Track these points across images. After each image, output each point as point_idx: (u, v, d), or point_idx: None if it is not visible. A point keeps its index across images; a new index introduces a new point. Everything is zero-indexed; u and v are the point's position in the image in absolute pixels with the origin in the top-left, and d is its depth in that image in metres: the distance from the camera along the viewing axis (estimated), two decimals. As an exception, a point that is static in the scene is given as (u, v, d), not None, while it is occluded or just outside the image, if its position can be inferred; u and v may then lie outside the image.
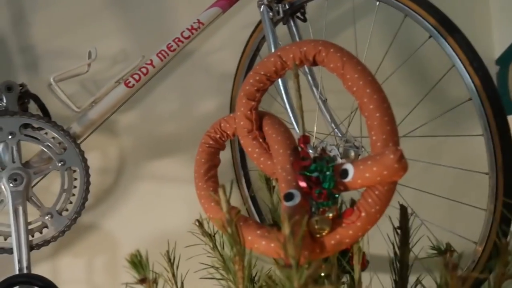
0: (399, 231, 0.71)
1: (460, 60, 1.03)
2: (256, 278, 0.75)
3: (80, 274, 1.38)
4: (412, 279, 0.74)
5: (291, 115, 1.23)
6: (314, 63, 0.66)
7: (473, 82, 1.02)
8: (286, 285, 0.38)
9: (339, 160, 1.14)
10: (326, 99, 1.38)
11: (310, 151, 1.06)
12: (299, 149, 0.65)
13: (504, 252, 0.51)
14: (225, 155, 1.52)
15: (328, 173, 0.59)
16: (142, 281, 0.53)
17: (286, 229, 0.43)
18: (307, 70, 1.39)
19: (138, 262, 0.53)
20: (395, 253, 0.71)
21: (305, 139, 0.64)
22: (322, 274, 0.69)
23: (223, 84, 1.53)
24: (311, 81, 1.38)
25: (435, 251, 0.67)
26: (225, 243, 0.55)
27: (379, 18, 1.23)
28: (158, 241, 0.86)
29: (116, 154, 1.45)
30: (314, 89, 1.37)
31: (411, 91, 1.58)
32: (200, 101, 1.54)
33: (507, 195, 1.01)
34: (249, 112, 0.70)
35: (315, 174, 0.60)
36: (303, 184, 0.59)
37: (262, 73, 0.69)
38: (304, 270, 0.39)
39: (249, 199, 1.51)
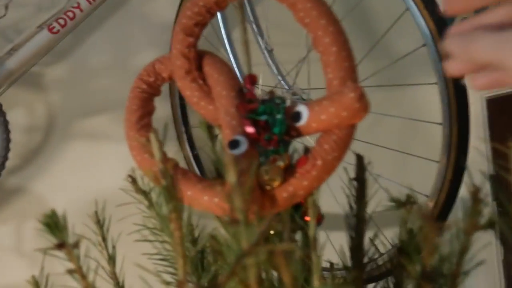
0: (355, 183, 0.65)
1: (414, 2, 0.96)
2: (199, 239, 0.68)
3: (8, 241, 1.27)
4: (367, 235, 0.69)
5: (231, 57, 1.15)
6: (261, -9, 0.57)
7: (428, 26, 0.96)
8: (233, 245, 0.30)
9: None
10: (272, 49, 1.30)
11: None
12: (245, 90, 0.56)
13: (476, 200, 0.45)
14: (165, 111, 1.42)
15: (278, 116, 0.51)
16: (60, 246, 0.44)
17: (231, 177, 0.35)
18: (252, 18, 1.30)
19: (54, 224, 0.44)
20: (350, 207, 0.65)
21: (252, 78, 0.56)
22: (272, 232, 0.62)
23: (161, 34, 1.41)
24: (256, 30, 1.30)
25: (393, 204, 0.61)
26: (160, 199, 0.47)
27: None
28: (94, 203, 0.77)
29: (44, 110, 1.32)
30: (260, 38, 1.29)
31: (362, 39, 1.51)
32: (136, 53, 1.42)
33: (460, 145, 0.97)
34: (186, 50, 0.61)
35: (263, 118, 0.52)
36: (250, 129, 0.51)
37: (201, 4, 0.60)
38: (254, 227, 0.32)
39: (191, 159, 1.43)
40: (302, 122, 0.51)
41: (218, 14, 1.29)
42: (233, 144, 0.51)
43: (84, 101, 1.36)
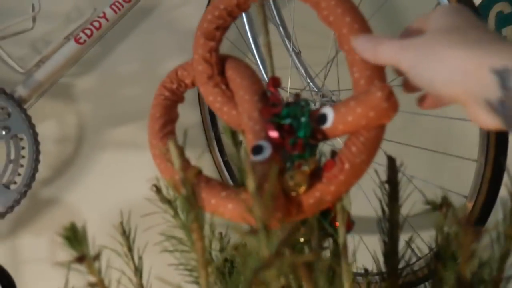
0: (387, 186, 0.62)
1: (446, -3, 0.93)
2: (228, 247, 0.66)
3: (43, 252, 1.28)
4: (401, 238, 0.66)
5: (259, 61, 1.13)
6: (282, -10, 0.55)
7: (460, 21, 0.92)
8: (253, 256, 0.28)
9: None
10: (300, 52, 1.28)
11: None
12: (268, 94, 0.54)
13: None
14: (194, 118, 1.42)
15: (303, 119, 0.49)
16: (80, 259, 0.43)
17: (251, 184, 0.34)
18: (278, 21, 1.29)
19: (73, 237, 0.43)
20: (383, 211, 0.62)
21: (275, 81, 0.54)
22: (301, 240, 0.60)
23: (188, 42, 1.40)
24: (282, 33, 1.28)
25: (429, 206, 0.58)
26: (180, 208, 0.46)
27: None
28: (124, 213, 0.76)
29: (75, 121, 1.33)
30: (287, 40, 1.27)
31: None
32: (164, 60, 1.42)
33: (499, 142, 0.93)
34: (208, 55, 0.59)
35: (287, 121, 0.50)
36: (274, 133, 0.49)
37: (222, 7, 0.58)
38: (274, 235, 0.30)
39: (222, 164, 1.42)
40: (328, 125, 0.49)
41: (244, 17, 1.28)
42: (257, 149, 0.49)
43: (114, 110, 1.36)
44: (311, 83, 1.24)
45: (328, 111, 0.49)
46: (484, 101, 0.37)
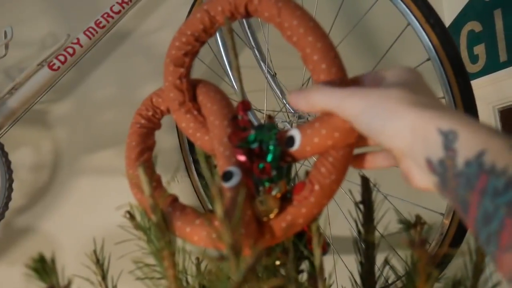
0: (361, 206, 0.62)
1: (415, 17, 0.95)
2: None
3: (18, 283, 1.25)
4: (378, 258, 0.66)
5: (235, 84, 1.14)
6: (247, 14, 0.55)
7: (430, 40, 0.94)
8: (223, 281, 0.28)
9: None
10: (276, 74, 1.29)
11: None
12: (239, 118, 0.54)
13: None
14: (172, 141, 1.41)
15: (271, 142, 0.49)
16: (50, 290, 0.42)
17: (219, 211, 0.34)
18: (253, 44, 1.30)
19: (41, 268, 0.42)
20: (358, 231, 0.62)
21: (245, 105, 0.54)
22: (278, 263, 0.59)
23: (165, 65, 1.41)
24: (258, 55, 1.29)
25: (403, 225, 0.58)
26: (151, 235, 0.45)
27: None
28: (104, 240, 0.75)
29: (51, 148, 1.31)
30: (262, 63, 1.28)
31: (365, 58, 1.50)
32: (141, 85, 1.42)
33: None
34: (178, 81, 0.59)
35: (255, 145, 0.50)
36: (242, 158, 0.49)
37: (189, 33, 0.58)
38: (243, 261, 0.30)
39: (200, 188, 1.41)
40: (295, 147, 0.49)
41: (219, 41, 1.28)
42: (227, 176, 0.49)
43: (90, 136, 1.35)
44: (287, 105, 1.25)
45: (295, 133, 0.49)
46: (424, 159, 0.39)
